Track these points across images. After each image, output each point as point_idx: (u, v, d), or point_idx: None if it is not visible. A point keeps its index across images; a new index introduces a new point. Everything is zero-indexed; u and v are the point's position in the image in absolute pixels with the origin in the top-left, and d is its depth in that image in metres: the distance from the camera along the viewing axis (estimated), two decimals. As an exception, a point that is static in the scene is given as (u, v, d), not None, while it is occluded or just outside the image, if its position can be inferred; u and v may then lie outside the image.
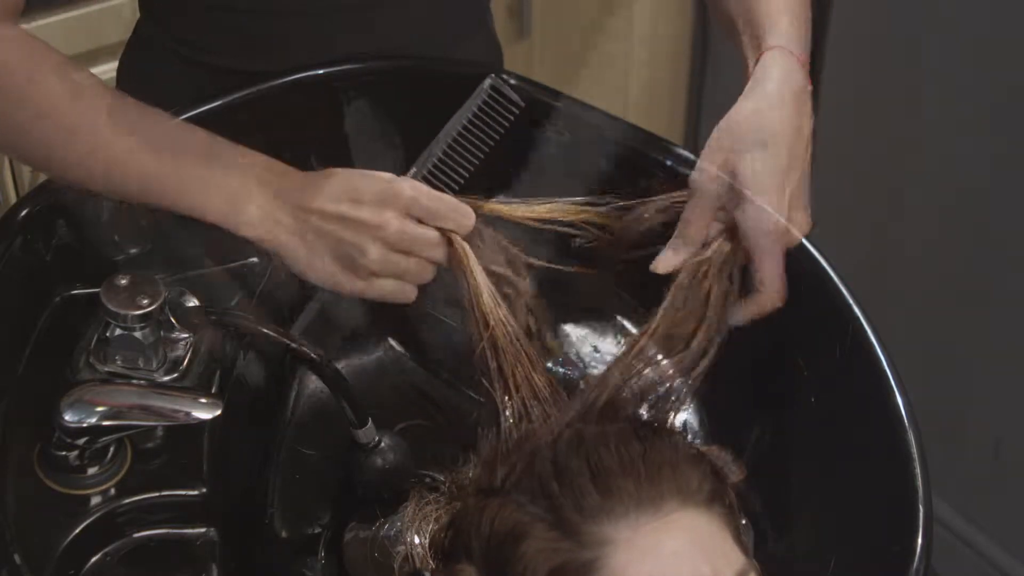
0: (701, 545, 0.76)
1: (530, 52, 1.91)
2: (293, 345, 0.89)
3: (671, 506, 0.77)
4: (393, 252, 0.88)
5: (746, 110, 0.90)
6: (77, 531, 0.84)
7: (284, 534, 0.96)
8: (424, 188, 0.90)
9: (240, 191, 0.88)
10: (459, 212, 0.90)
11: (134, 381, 0.89)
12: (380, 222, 0.87)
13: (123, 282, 0.88)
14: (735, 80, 0.94)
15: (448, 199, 0.90)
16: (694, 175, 0.91)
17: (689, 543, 0.76)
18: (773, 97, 0.90)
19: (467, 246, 0.90)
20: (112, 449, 0.87)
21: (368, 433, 0.92)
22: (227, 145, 0.90)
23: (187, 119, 1.00)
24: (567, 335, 1.08)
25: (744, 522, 0.83)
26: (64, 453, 0.85)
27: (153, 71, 1.14)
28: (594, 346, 1.08)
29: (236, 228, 0.88)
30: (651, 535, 0.76)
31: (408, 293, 0.90)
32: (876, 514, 0.90)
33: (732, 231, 0.91)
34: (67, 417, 0.83)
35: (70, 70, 0.89)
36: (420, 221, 0.89)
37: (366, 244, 0.87)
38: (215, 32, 1.09)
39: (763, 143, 0.89)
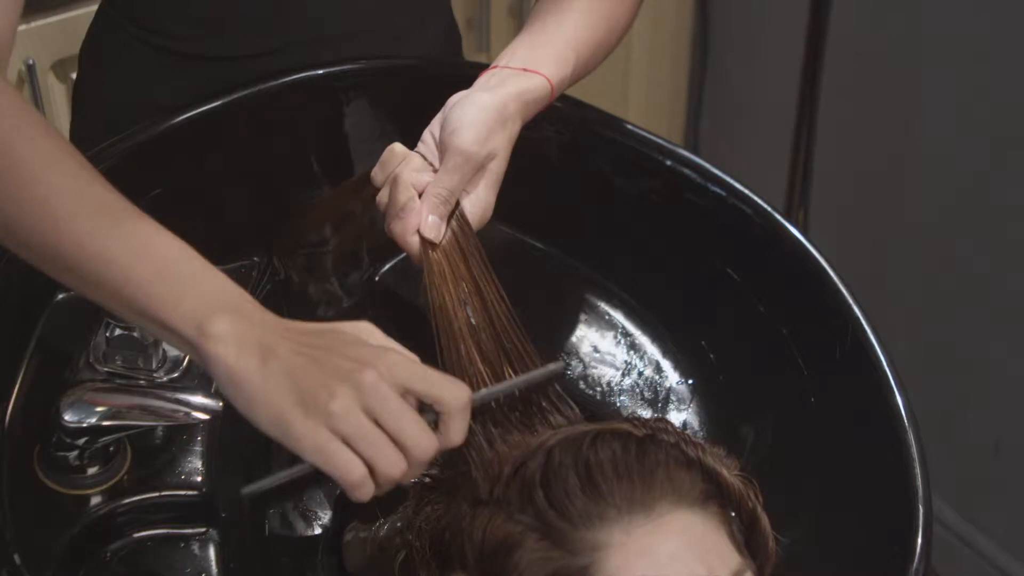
0: (695, 546, 0.76)
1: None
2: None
3: (664, 508, 0.76)
4: (362, 412, 0.72)
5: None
6: (77, 531, 0.84)
7: (284, 534, 0.96)
8: (413, 356, 0.77)
9: (216, 306, 0.74)
10: (452, 386, 0.76)
11: (134, 381, 0.89)
12: (359, 371, 0.73)
13: (123, 282, 0.88)
14: (735, 80, 0.94)
15: (439, 373, 0.76)
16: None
17: (683, 544, 0.76)
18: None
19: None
20: (112, 449, 0.87)
21: (368, 433, 0.91)
22: (205, 266, 0.78)
23: (188, 118, 1.01)
24: (567, 335, 1.08)
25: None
26: (64, 453, 0.85)
27: (116, 53, 1.14)
28: (594, 346, 1.08)
29: (203, 341, 0.73)
30: (644, 538, 0.75)
31: (354, 469, 0.73)
32: (876, 514, 0.90)
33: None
34: (67, 417, 0.83)
35: (53, 137, 0.80)
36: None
37: (336, 387, 0.72)
38: (177, 15, 1.09)
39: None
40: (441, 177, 0.91)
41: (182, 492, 0.88)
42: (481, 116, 0.91)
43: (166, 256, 0.76)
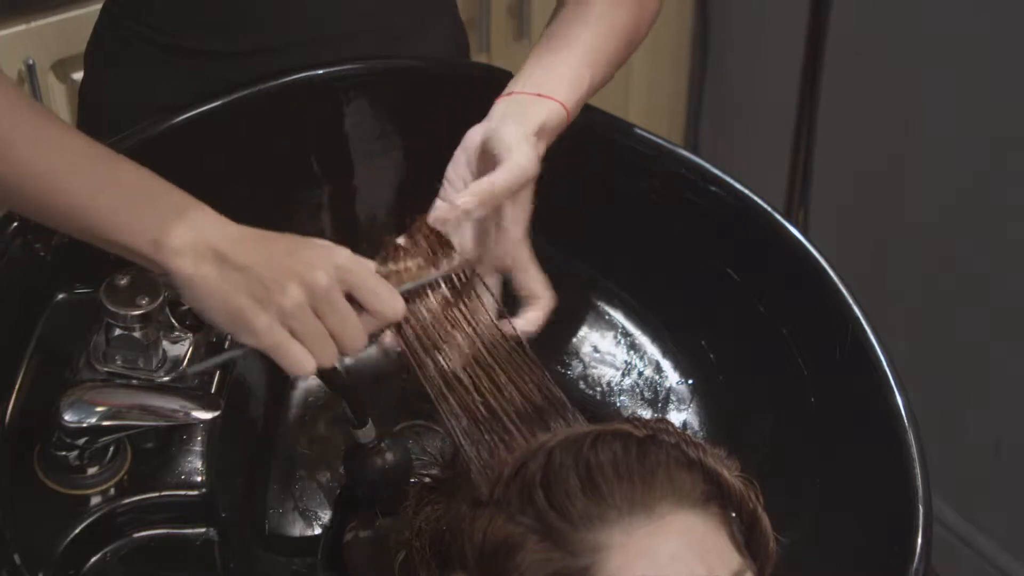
0: (696, 546, 0.76)
1: (530, 52, 1.91)
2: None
3: (665, 508, 0.76)
4: (310, 308, 0.80)
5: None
6: (77, 531, 0.84)
7: (284, 534, 0.96)
8: (363, 261, 0.85)
9: (169, 220, 0.81)
10: (391, 298, 0.83)
11: (134, 381, 0.89)
12: (310, 273, 0.80)
13: (123, 282, 0.88)
14: (735, 80, 0.94)
15: (384, 283, 0.84)
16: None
17: (684, 545, 0.76)
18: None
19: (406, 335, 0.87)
20: (112, 449, 0.87)
21: (368, 433, 0.92)
22: (157, 180, 0.84)
23: (188, 118, 1.01)
24: (567, 335, 1.08)
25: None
26: (64, 453, 0.85)
27: (118, 52, 1.14)
28: (594, 346, 1.08)
29: (160, 257, 0.80)
30: (645, 539, 0.75)
31: (304, 363, 0.81)
32: (876, 514, 0.90)
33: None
34: (67, 417, 0.82)
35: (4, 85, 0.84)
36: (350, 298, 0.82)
37: (289, 284, 0.80)
38: (178, 12, 1.09)
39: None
40: (498, 174, 0.89)
41: (182, 492, 0.88)
42: (526, 144, 0.91)
43: (119, 178, 0.83)
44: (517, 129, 0.92)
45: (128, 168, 0.84)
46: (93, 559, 0.85)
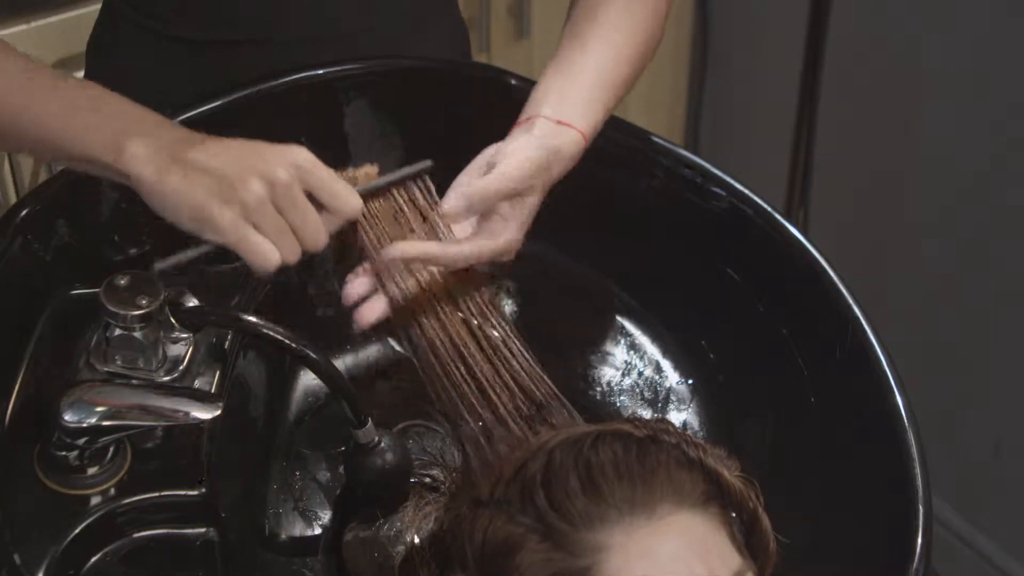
0: (696, 547, 0.76)
1: (530, 52, 1.91)
2: (293, 345, 0.89)
3: (665, 509, 0.76)
4: (272, 203, 0.84)
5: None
6: (77, 531, 0.84)
7: (284, 534, 0.96)
8: (320, 162, 0.87)
9: (129, 129, 0.84)
10: (349, 195, 0.87)
11: (134, 381, 0.89)
12: (271, 170, 0.84)
13: (123, 282, 0.88)
14: (735, 80, 0.94)
15: (343, 182, 0.88)
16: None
17: (684, 545, 0.76)
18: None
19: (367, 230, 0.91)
20: (112, 449, 0.87)
21: (368, 433, 0.92)
22: (116, 96, 0.88)
23: (188, 118, 1.00)
24: (567, 335, 1.08)
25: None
26: (64, 453, 0.85)
27: (118, 44, 1.15)
28: (594, 346, 1.08)
29: (122, 163, 0.83)
30: (645, 539, 0.75)
31: (269, 255, 0.84)
32: (876, 514, 0.90)
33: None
34: (67, 417, 0.82)
35: None
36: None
37: (250, 180, 0.83)
38: (179, 1, 1.09)
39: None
40: (488, 180, 0.91)
41: (182, 492, 0.88)
42: (535, 154, 0.92)
43: (75, 93, 0.86)
44: (535, 144, 0.93)
45: (86, 85, 0.88)
46: (93, 559, 0.85)
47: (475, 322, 0.90)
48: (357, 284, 0.92)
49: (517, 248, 0.94)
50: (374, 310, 0.91)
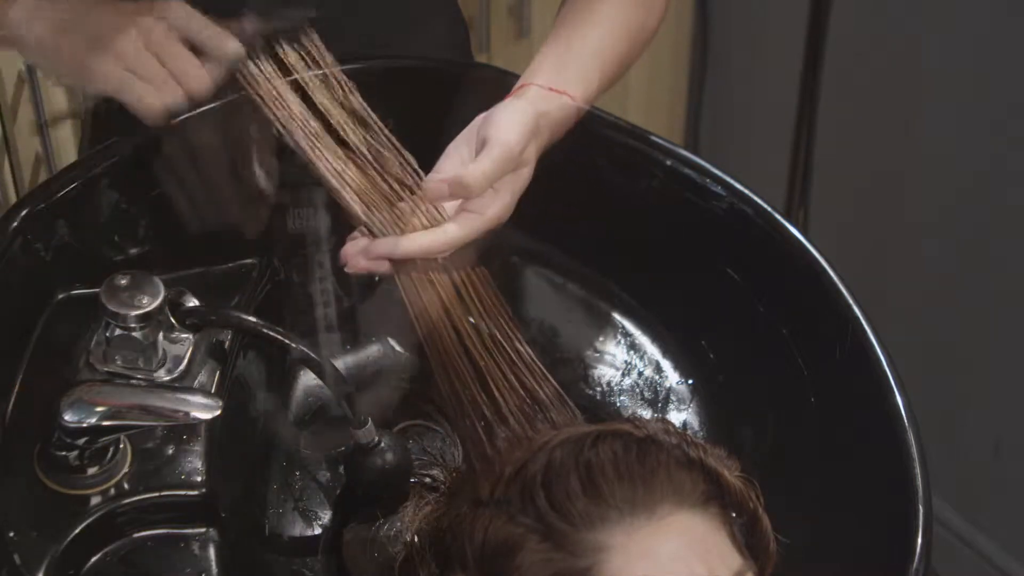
0: (697, 547, 0.76)
1: (530, 52, 1.91)
2: (293, 345, 0.89)
3: (666, 509, 0.76)
4: (148, 50, 0.89)
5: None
6: (77, 531, 0.84)
7: (284, 534, 0.96)
8: (195, 12, 0.92)
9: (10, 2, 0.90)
10: (225, 38, 0.91)
11: (134, 381, 0.89)
12: (144, 21, 0.89)
13: (123, 282, 0.88)
14: (735, 80, 0.94)
15: (218, 27, 0.92)
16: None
17: (685, 545, 0.76)
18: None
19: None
20: (112, 449, 0.87)
21: (368, 433, 0.92)
22: None
23: (187, 118, 1.00)
24: (567, 335, 1.08)
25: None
26: (64, 453, 0.85)
27: None
28: (594, 346, 1.08)
29: (6, 32, 0.90)
30: (646, 539, 0.75)
31: (150, 99, 0.89)
32: (876, 514, 0.90)
33: None
34: (67, 417, 0.82)
35: None
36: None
37: (125, 31, 0.88)
38: None
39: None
40: (480, 161, 0.90)
41: (182, 492, 0.88)
42: (523, 119, 0.92)
43: None
44: (522, 107, 0.92)
45: None
46: (93, 559, 0.85)
47: (483, 324, 0.90)
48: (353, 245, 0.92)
49: (509, 214, 0.93)
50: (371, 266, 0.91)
